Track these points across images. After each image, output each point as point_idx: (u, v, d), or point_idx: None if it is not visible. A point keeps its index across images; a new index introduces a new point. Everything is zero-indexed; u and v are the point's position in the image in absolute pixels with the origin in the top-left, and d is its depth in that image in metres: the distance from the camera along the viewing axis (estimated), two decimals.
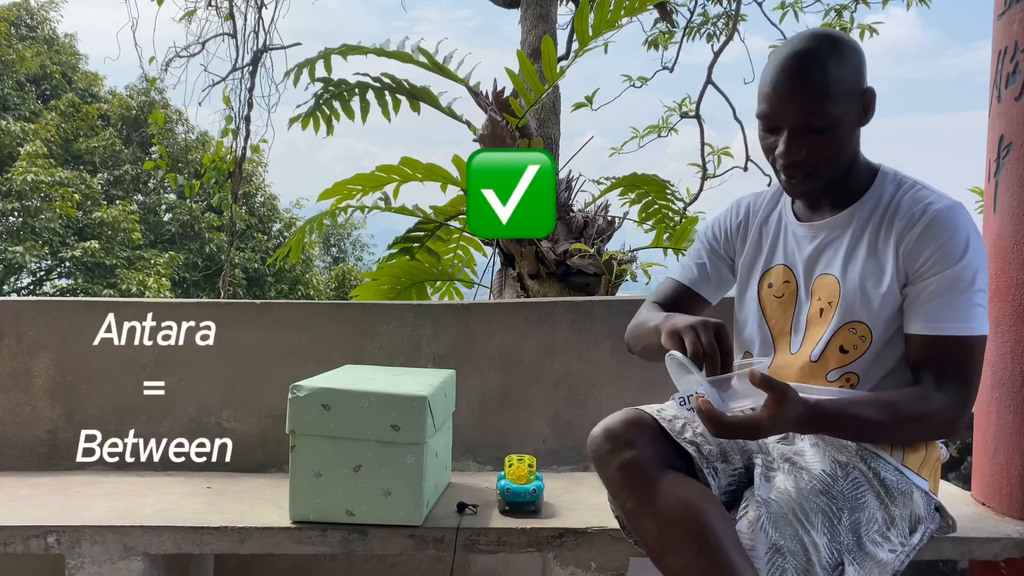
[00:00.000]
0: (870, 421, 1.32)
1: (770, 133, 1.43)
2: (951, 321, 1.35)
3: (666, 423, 1.39)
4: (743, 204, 1.68)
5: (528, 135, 4.14)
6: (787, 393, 1.21)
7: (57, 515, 1.71)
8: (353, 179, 3.79)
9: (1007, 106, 1.72)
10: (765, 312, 1.56)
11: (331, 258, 20.81)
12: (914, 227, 1.39)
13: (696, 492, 1.30)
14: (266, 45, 5.77)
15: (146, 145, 16.85)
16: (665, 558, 1.28)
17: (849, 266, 1.45)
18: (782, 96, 1.38)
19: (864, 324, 1.42)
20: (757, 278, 1.59)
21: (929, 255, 1.37)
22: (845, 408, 1.31)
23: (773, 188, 1.67)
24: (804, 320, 1.50)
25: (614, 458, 1.34)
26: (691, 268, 1.69)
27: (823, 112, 1.36)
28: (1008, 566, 1.63)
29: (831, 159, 1.41)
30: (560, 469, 2.17)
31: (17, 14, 17.28)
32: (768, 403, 1.21)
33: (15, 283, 15.89)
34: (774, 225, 1.60)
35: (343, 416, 1.63)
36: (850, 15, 6.58)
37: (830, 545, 1.29)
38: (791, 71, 1.38)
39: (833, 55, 1.37)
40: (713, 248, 1.69)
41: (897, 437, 1.40)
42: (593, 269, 3.75)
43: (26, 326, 2.16)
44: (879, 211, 1.45)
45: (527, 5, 5.28)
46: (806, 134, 1.38)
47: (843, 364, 1.44)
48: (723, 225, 1.69)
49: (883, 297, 1.40)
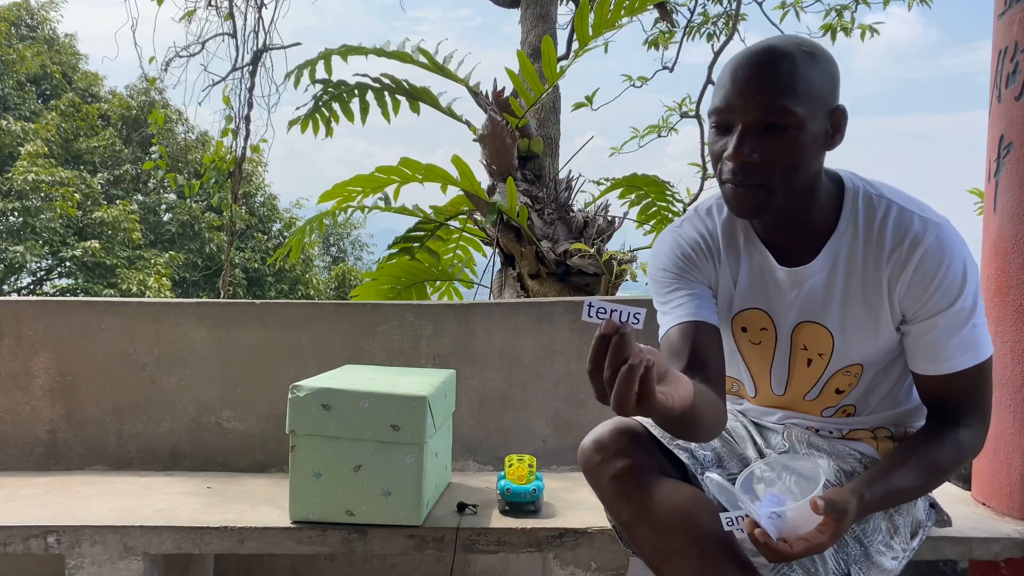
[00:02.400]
0: (917, 488, 1.30)
1: (721, 134, 1.24)
2: (959, 356, 1.29)
3: (656, 430, 1.36)
4: (684, 239, 1.42)
5: (528, 135, 4.15)
6: (847, 509, 1.15)
7: (57, 515, 1.71)
8: (352, 180, 3.79)
9: (1007, 106, 1.72)
10: (743, 355, 1.46)
11: (331, 258, 20.79)
12: (905, 269, 1.27)
13: (692, 497, 1.27)
14: (266, 45, 5.77)
15: (146, 145, 16.83)
16: (665, 566, 1.26)
17: (841, 316, 1.34)
18: (740, 86, 1.20)
19: (859, 365, 1.38)
20: (730, 318, 1.42)
21: (928, 297, 1.28)
22: (891, 484, 1.25)
23: (712, 211, 1.43)
24: (787, 368, 1.42)
25: (606, 469, 1.31)
26: (686, 307, 1.35)
27: (784, 108, 1.18)
28: (1008, 566, 1.63)
29: (787, 171, 1.21)
30: (560, 469, 2.17)
31: (17, 14, 17.28)
32: (827, 523, 1.14)
33: (15, 283, 15.88)
34: (745, 259, 1.39)
35: (343, 416, 1.63)
36: (851, 15, 6.58)
37: (837, 555, 1.28)
38: (755, 61, 1.21)
39: (807, 56, 1.21)
40: (690, 278, 1.39)
41: (941, 483, 1.36)
42: (593, 269, 3.75)
43: (26, 326, 2.16)
44: (859, 246, 1.31)
45: (527, 5, 5.28)
46: (761, 133, 1.19)
47: (838, 402, 1.42)
48: (683, 253, 1.41)
49: (879, 340, 1.34)
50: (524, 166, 4.14)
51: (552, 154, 4.82)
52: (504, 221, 3.84)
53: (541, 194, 4.03)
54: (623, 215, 4.26)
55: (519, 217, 3.67)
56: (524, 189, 4.00)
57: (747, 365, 1.47)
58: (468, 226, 4.24)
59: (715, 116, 1.25)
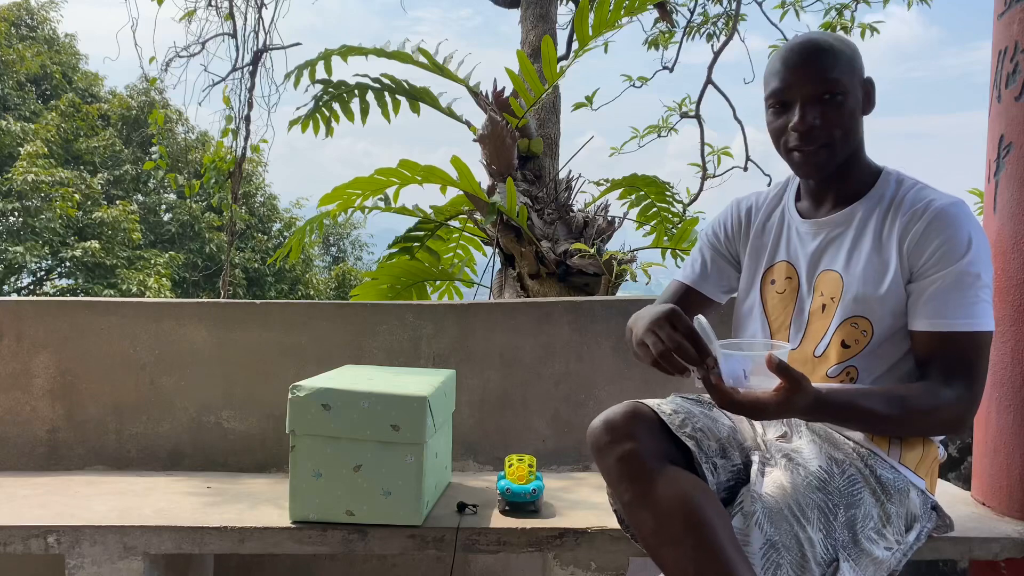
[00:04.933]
0: (879, 414, 1.32)
1: (781, 112, 1.47)
2: (957, 317, 1.36)
3: (666, 416, 1.40)
4: (744, 203, 1.70)
5: (528, 135, 4.14)
6: (802, 384, 1.21)
7: (57, 515, 1.71)
8: (352, 183, 3.78)
9: (1007, 106, 1.72)
10: (766, 308, 1.58)
11: (331, 258, 20.79)
12: (917, 223, 1.40)
13: (694, 486, 1.30)
14: (266, 45, 5.77)
15: (146, 145, 16.85)
16: (662, 551, 1.29)
17: (852, 262, 1.46)
18: (794, 68, 1.44)
19: (866, 319, 1.43)
20: (760, 275, 1.61)
21: (933, 252, 1.38)
22: (854, 399, 1.32)
23: (774, 187, 1.68)
24: (806, 316, 1.51)
25: (613, 450, 1.35)
26: (693, 268, 1.72)
27: (835, 79, 1.42)
28: (1008, 566, 1.63)
29: (844, 131, 1.44)
30: (560, 469, 2.17)
31: (17, 14, 17.28)
32: (779, 388, 1.22)
33: (15, 283, 15.89)
34: (776, 222, 1.62)
35: (343, 416, 1.63)
36: (851, 14, 6.58)
37: (825, 541, 1.29)
38: (800, 49, 1.45)
39: (838, 41, 1.47)
40: (714, 246, 1.70)
41: (904, 430, 1.41)
42: (593, 269, 3.75)
43: (26, 326, 2.16)
44: (882, 208, 1.47)
45: (527, 5, 5.28)
46: (819, 102, 1.42)
47: (844, 359, 1.45)
48: (724, 223, 1.70)
49: (886, 292, 1.41)
50: (524, 166, 4.13)
51: (552, 154, 4.81)
52: (504, 221, 3.83)
53: (541, 194, 4.03)
54: (623, 215, 4.26)
55: (519, 217, 3.67)
56: (524, 189, 4.00)
57: (768, 318, 1.58)
58: (468, 226, 4.24)
59: (774, 98, 1.47)
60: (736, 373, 1.24)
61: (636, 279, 3.84)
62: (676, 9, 6.56)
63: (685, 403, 1.50)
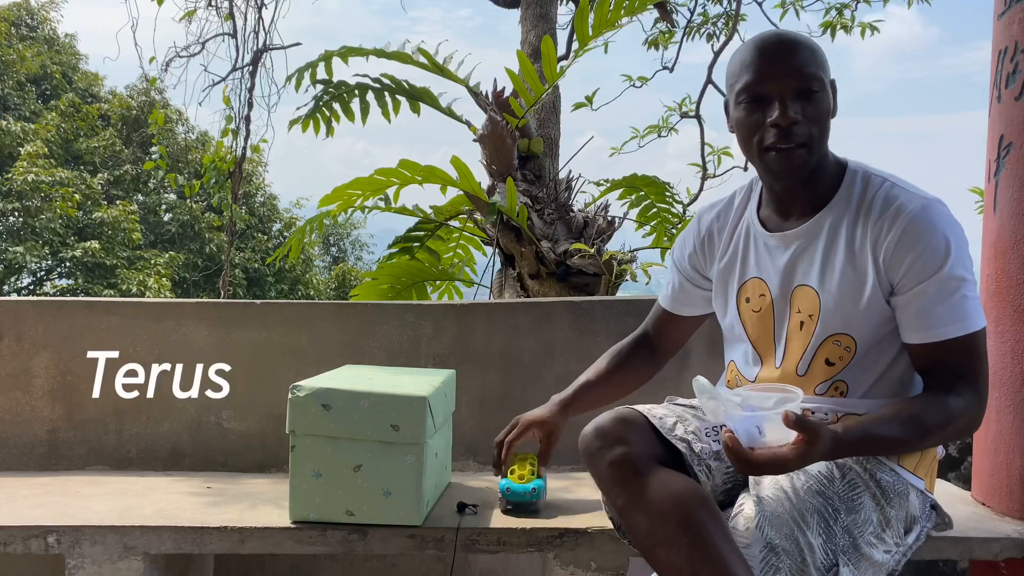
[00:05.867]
0: (897, 439, 1.30)
1: (755, 107, 1.37)
2: (948, 324, 1.33)
3: (656, 420, 1.40)
4: (704, 220, 1.64)
5: (528, 135, 4.14)
6: (819, 433, 1.18)
7: (57, 515, 1.71)
8: (352, 184, 3.78)
9: (1007, 106, 1.72)
10: (746, 327, 1.53)
11: (331, 258, 20.80)
12: (890, 233, 1.34)
13: (686, 487, 1.30)
14: (266, 45, 5.76)
15: (146, 145, 16.84)
16: (656, 552, 1.28)
17: (826, 277, 1.41)
18: (772, 59, 1.36)
19: (848, 336, 1.40)
20: (735, 293, 1.55)
21: (911, 264, 1.33)
22: (869, 430, 1.28)
23: (737, 194, 1.61)
24: (785, 333, 1.47)
25: (605, 455, 1.35)
26: (670, 291, 1.72)
27: (814, 74, 1.35)
28: (1008, 566, 1.63)
29: (820, 130, 1.37)
30: (560, 469, 2.17)
31: (17, 14, 17.29)
32: (798, 442, 1.19)
33: (15, 283, 15.89)
34: (742, 236, 1.54)
35: (343, 416, 1.63)
36: (851, 13, 6.58)
37: (825, 546, 1.28)
38: (778, 41, 1.38)
39: (809, 39, 1.41)
40: (681, 271, 1.68)
41: (925, 446, 1.39)
42: (593, 269, 3.75)
43: (26, 326, 2.16)
44: (851, 213, 1.40)
45: (527, 5, 5.28)
46: (799, 97, 1.35)
47: (830, 376, 1.43)
48: (686, 247, 1.66)
49: (866, 307, 1.37)
50: (524, 166, 4.13)
51: (552, 154, 4.81)
52: (504, 221, 3.83)
53: (541, 194, 4.03)
54: (623, 215, 4.26)
55: (519, 217, 3.67)
56: (524, 189, 4.00)
57: (750, 338, 1.52)
58: (468, 226, 4.23)
59: (748, 92, 1.37)
60: (751, 432, 1.21)
61: (636, 279, 3.84)
62: (676, 9, 6.56)
63: (677, 408, 1.49)
